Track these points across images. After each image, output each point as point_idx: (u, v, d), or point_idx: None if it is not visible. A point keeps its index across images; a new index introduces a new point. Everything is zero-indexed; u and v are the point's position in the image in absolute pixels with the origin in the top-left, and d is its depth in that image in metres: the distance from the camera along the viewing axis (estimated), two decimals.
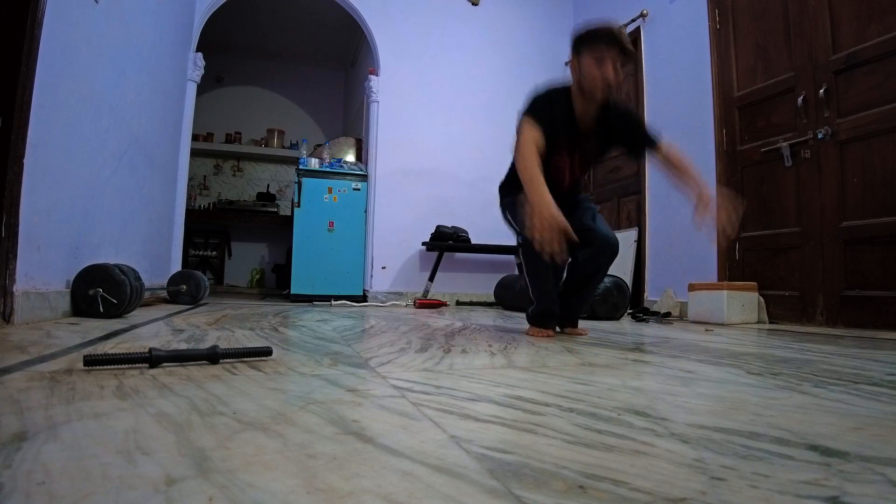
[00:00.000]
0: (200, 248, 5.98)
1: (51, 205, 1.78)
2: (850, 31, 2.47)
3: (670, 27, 3.60)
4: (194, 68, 3.83)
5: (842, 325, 2.43)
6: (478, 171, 4.44)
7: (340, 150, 4.64)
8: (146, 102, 2.81)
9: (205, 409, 0.66)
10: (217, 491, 0.40)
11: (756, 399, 0.82)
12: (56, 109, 1.77)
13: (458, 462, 0.49)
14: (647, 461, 0.50)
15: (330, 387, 0.83)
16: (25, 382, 0.78)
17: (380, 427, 0.60)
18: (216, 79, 6.18)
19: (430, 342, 1.51)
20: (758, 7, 2.97)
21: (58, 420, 0.59)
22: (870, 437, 0.61)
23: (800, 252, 2.67)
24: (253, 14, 5.53)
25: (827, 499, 0.42)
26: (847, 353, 1.47)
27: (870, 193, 2.36)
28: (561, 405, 0.74)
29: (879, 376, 1.06)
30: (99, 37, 2.09)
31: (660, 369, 1.13)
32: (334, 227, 4.08)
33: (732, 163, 3.08)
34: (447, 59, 4.48)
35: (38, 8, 1.60)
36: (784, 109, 2.79)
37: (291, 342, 1.43)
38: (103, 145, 2.22)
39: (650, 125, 1.85)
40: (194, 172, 5.93)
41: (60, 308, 1.85)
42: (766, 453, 0.54)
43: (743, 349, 1.55)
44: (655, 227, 3.65)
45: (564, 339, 1.75)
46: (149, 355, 0.92)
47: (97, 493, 0.39)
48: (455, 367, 1.06)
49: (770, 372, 1.10)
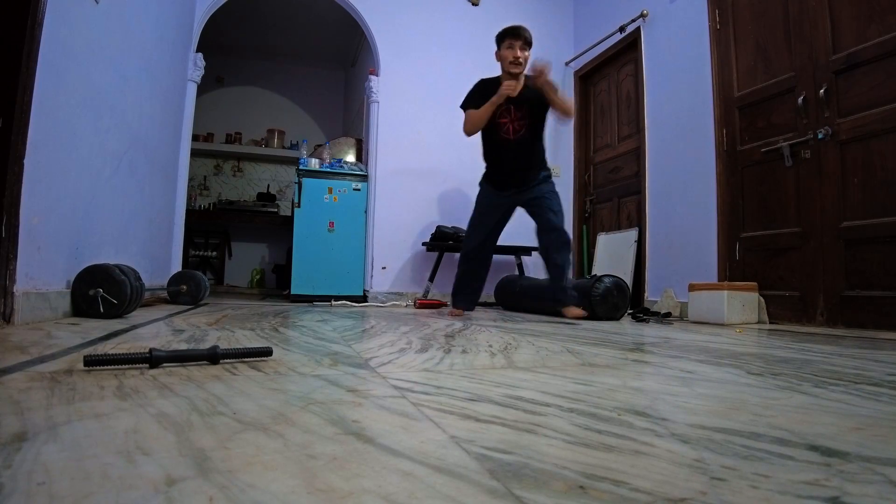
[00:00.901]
0: (201, 249, 5.98)
1: (51, 205, 1.78)
2: (850, 32, 2.47)
3: (670, 27, 3.60)
4: (194, 68, 3.83)
5: (842, 325, 2.43)
6: (478, 171, 4.41)
7: (340, 150, 4.64)
8: (146, 103, 2.81)
9: (205, 409, 0.66)
10: (217, 491, 0.40)
11: (756, 399, 0.82)
12: (56, 110, 1.77)
13: (458, 462, 0.49)
14: (648, 461, 0.50)
15: (330, 387, 0.83)
16: (26, 383, 0.78)
17: (380, 427, 0.60)
18: (216, 79, 6.19)
19: (430, 342, 1.51)
20: (758, 7, 2.97)
21: (58, 420, 0.59)
22: (870, 437, 0.61)
23: (800, 252, 2.67)
24: (253, 14, 5.53)
25: (827, 499, 0.42)
26: (847, 354, 1.47)
27: (870, 193, 2.36)
28: (561, 405, 0.74)
29: (880, 376, 1.06)
30: (99, 37, 2.09)
31: (660, 369, 1.13)
32: (334, 228, 4.08)
33: (732, 163, 3.08)
34: (447, 59, 4.48)
35: (38, 8, 1.60)
36: (784, 109, 2.79)
37: (292, 342, 1.43)
38: (103, 145, 2.22)
39: (558, 92, 2.58)
40: (194, 173, 5.93)
41: (61, 308, 1.85)
42: (767, 453, 0.54)
43: (743, 349, 1.55)
44: (655, 227, 3.65)
45: (565, 339, 1.75)
46: (149, 355, 0.92)
47: (97, 493, 0.39)
48: (455, 368, 1.06)
49: (770, 372, 1.10)
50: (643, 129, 3.80)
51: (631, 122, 4.08)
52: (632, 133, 4.06)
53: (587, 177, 4.62)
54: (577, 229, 4.64)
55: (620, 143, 4.22)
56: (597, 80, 4.59)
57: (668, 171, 3.56)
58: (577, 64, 4.70)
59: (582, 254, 4.55)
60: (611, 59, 4.32)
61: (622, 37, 4.05)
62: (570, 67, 4.79)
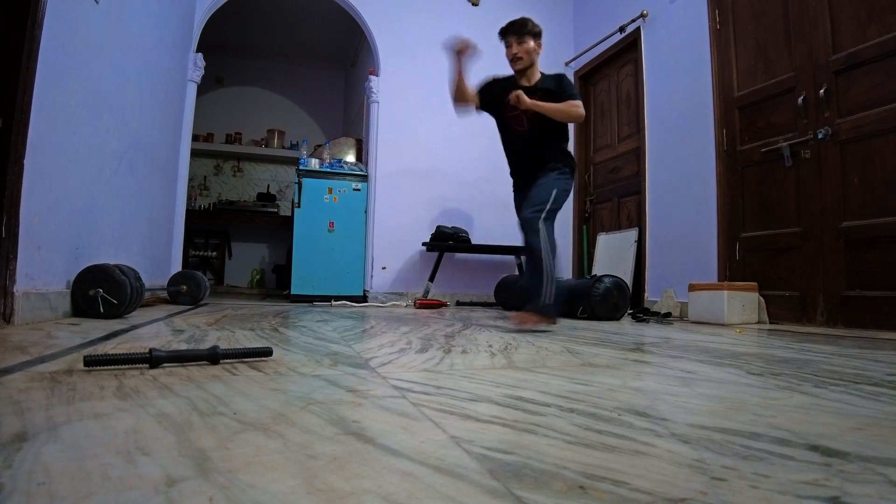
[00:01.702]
0: (201, 249, 5.98)
1: (51, 205, 1.78)
2: (850, 31, 2.47)
3: (670, 27, 3.60)
4: (194, 69, 3.83)
5: (842, 325, 2.43)
6: (478, 171, 4.44)
7: (340, 150, 4.64)
8: (146, 103, 2.81)
9: (205, 409, 0.66)
10: (217, 491, 0.40)
11: (756, 399, 0.82)
12: (56, 110, 1.77)
13: (458, 462, 0.49)
14: (648, 461, 0.50)
15: (330, 387, 0.83)
16: (26, 383, 0.78)
17: (380, 427, 0.60)
18: (216, 79, 6.19)
19: (430, 342, 1.51)
20: (758, 7, 2.97)
21: (58, 420, 0.59)
22: (870, 437, 0.61)
23: (800, 252, 2.67)
24: (253, 14, 5.53)
25: (827, 499, 0.42)
26: (847, 354, 1.47)
27: (870, 193, 2.36)
28: (561, 405, 0.74)
29: (880, 376, 1.06)
30: (99, 37, 2.09)
31: (660, 369, 1.13)
32: (334, 228, 4.08)
33: (733, 163, 3.08)
34: (447, 59, 4.47)
35: (38, 8, 1.60)
36: (784, 109, 2.79)
37: (292, 342, 1.43)
38: (103, 146, 2.22)
39: (570, 88, 2.50)
40: (194, 173, 5.93)
41: (61, 308, 1.85)
42: (767, 453, 0.54)
43: (743, 349, 1.55)
44: (655, 227, 3.65)
45: (565, 339, 1.75)
46: (149, 356, 0.92)
47: (98, 493, 0.39)
48: (455, 368, 1.06)
49: (770, 372, 1.10)
50: (643, 129, 3.80)
51: (631, 122, 4.08)
52: (632, 133, 4.06)
53: (587, 177, 4.62)
54: (577, 229, 4.64)
55: (620, 143, 4.22)
56: (597, 80, 4.59)
57: (668, 171, 3.56)
58: (577, 64, 4.70)
59: (582, 254, 4.55)
60: (611, 59, 4.31)
61: (622, 37, 4.05)
62: (570, 67, 4.79)
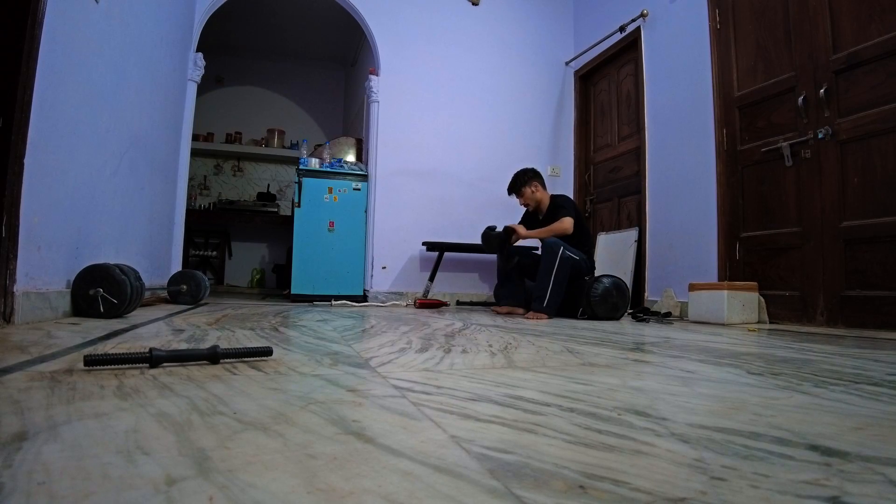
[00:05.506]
0: (201, 248, 5.98)
1: (51, 205, 1.78)
2: (850, 31, 2.47)
3: (670, 27, 3.60)
4: (194, 68, 3.83)
5: (842, 325, 2.43)
6: (478, 171, 4.44)
7: (340, 150, 4.64)
8: (146, 102, 2.81)
9: (205, 409, 0.66)
10: (217, 491, 0.40)
11: (756, 399, 0.82)
12: (56, 109, 1.77)
13: (458, 462, 0.49)
14: (648, 461, 0.50)
15: (330, 387, 0.83)
16: (26, 382, 0.78)
17: (380, 427, 0.60)
18: (216, 79, 6.19)
19: (430, 342, 1.51)
20: (758, 7, 2.97)
21: (58, 420, 0.59)
22: (870, 437, 0.61)
23: (800, 252, 2.67)
24: (253, 14, 5.53)
25: (827, 499, 0.42)
26: (847, 353, 1.47)
27: (870, 193, 2.36)
28: (561, 405, 0.74)
29: (880, 376, 1.06)
30: (99, 37, 2.09)
31: (660, 369, 1.13)
32: (334, 227, 4.08)
33: (733, 163, 3.08)
34: (447, 58, 4.48)
35: (39, 8, 1.60)
36: (784, 109, 2.79)
37: (292, 342, 1.43)
38: (104, 145, 2.22)
39: (561, 208, 3.22)
40: (194, 172, 5.93)
41: (61, 308, 1.85)
42: (767, 453, 0.54)
43: (743, 349, 1.55)
44: (655, 227, 3.65)
45: (565, 339, 1.75)
46: (149, 355, 0.92)
47: (98, 493, 0.39)
48: (455, 367, 1.06)
49: (770, 372, 1.10)
50: (643, 129, 3.80)
51: (631, 122, 4.08)
52: (632, 133, 4.06)
53: (587, 176, 4.62)
54: None
55: (620, 142, 4.22)
56: (597, 80, 4.59)
57: (669, 170, 3.56)
58: (577, 64, 4.70)
59: None
60: (611, 58, 4.31)
61: (622, 36, 4.05)
62: (571, 67, 4.79)
